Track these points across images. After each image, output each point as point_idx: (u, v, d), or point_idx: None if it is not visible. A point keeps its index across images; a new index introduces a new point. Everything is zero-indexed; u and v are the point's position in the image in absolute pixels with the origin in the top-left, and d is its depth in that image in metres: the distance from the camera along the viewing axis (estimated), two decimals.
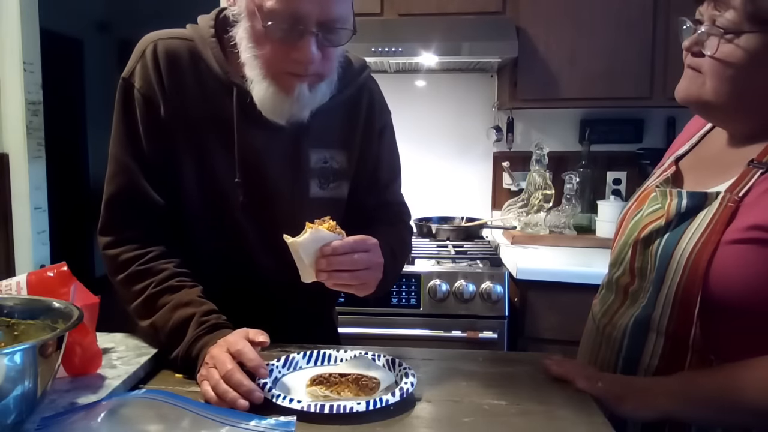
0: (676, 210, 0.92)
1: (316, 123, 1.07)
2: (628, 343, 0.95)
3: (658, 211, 0.96)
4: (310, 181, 1.11)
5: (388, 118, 1.22)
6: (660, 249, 0.92)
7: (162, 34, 1.06)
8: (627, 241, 1.00)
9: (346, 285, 0.94)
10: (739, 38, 0.84)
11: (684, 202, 0.92)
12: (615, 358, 0.97)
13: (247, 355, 0.83)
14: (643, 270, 0.95)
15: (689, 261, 0.87)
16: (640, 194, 1.06)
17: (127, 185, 1.03)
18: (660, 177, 1.04)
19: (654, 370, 0.91)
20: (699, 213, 0.89)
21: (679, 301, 0.88)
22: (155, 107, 1.03)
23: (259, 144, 1.06)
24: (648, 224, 0.96)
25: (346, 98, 1.13)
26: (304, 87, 0.98)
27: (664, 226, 0.93)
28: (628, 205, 1.08)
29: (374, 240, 0.96)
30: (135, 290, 1.00)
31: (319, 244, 0.90)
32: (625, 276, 1.00)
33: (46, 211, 2.55)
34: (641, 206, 1.01)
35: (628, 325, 0.95)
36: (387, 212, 1.22)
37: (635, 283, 0.97)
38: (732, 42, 0.85)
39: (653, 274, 0.92)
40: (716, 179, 0.93)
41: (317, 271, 0.91)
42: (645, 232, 0.96)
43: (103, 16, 5.49)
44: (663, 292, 0.90)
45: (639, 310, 0.94)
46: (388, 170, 1.22)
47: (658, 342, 0.91)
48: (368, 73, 1.18)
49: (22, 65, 2.37)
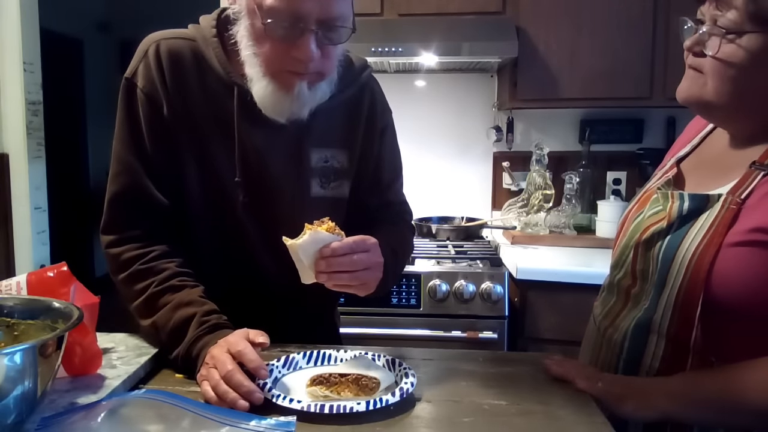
0: (677, 212, 0.92)
1: (317, 122, 1.08)
2: (629, 345, 0.95)
3: (660, 213, 0.96)
4: (311, 181, 1.11)
5: (389, 118, 1.22)
6: (662, 251, 0.92)
7: (164, 34, 1.06)
8: (629, 243, 0.99)
9: (345, 286, 0.94)
10: (740, 38, 0.84)
11: (686, 205, 0.91)
12: (616, 360, 0.97)
13: (247, 356, 0.83)
14: (645, 272, 0.95)
15: (691, 263, 0.86)
16: (642, 195, 1.05)
17: (130, 184, 1.04)
18: (661, 179, 1.04)
19: (655, 372, 0.91)
20: (701, 215, 0.89)
21: (680, 304, 0.87)
22: (158, 106, 1.03)
23: (260, 143, 1.06)
24: (649, 226, 0.96)
25: (348, 98, 1.13)
26: (304, 85, 0.99)
27: (666, 228, 0.93)
28: (629, 206, 1.08)
29: (374, 240, 0.96)
30: (136, 289, 1.00)
31: (318, 246, 0.90)
32: (627, 278, 0.99)
33: (46, 211, 2.55)
34: (643, 208, 1.01)
35: (630, 327, 0.95)
36: (389, 212, 1.22)
37: (637, 285, 0.97)
38: (733, 42, 0.84)
39: (655, 277, 0.92)
40: (718, 181, 0.92)
41: (317, 272, 0.91)
42: (647, 234, 0.96)
43: (103, 16, 5.49)
44: (664, 295, 0.90)
45: (641, 312, 0.94)
46: (390, 170, 1.22)
47: (659, 344, 0.91)
48: (369, 73, 1.18)
49: (22, 65, 2.37)
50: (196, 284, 1.01)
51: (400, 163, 1.26)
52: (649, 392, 0.86)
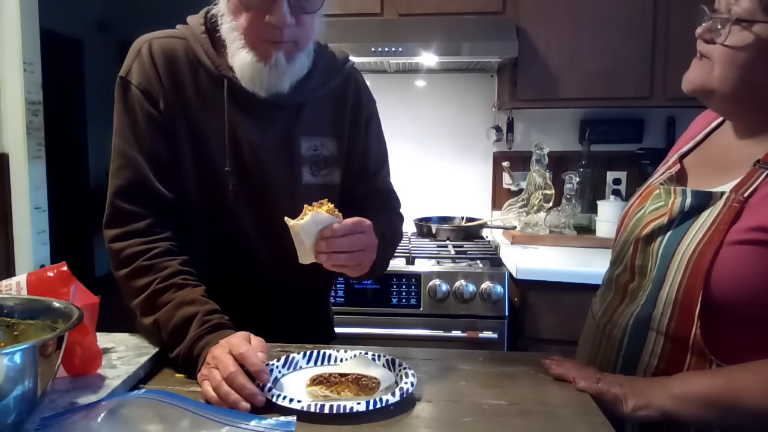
0: (679, 208, 0.92)
1: (305, 112, 1.13)
2: (628, 341, 0.95)
3: (661, 208, 0.96)
4: (302, 169, 1.14)
5: (374, 108, 1.26)
6: (662, 247, 0.92)
7: (155, 34, 1.10)
8: (628, 239, 0.99)
9: (343, 266, 0.97)
10: (752, 27, 0.85)
11: (688, 201, 0.91)
12: (615, 356, 0.97)
13: (250, 359, 0.83)
14: (644, 268, 0.95)
15: (691, 260, 0.86)
16: (643, 191, 1.05)
17: (134, 177, 1.05)
18: (664, 174, 1.03)
19: (654, 369, 0.91)
20: (703, 212, 0.89)
21: (680, 301, 0.88)
22: (154, 102, 1.06)
23: (251, 133, 1.09)
24: (650, 222, 0.96)
25: (333, 88, 1.17)
26: (281, 55, 1.02)
27: (667, 224, 0.93)
28: (630, 202, 1.08)
29: (369, 222, 0.99)
30: (139, 285, 1.00)
31: (319, 227, 0.92)
32: (626, 273, 1.00)
33: (46, 211, 2.55)
34: (644, 203, 1.01)
35: (629, 324, 0.95)
36: (377, 200, 1.25)
37: (635, 280, 0.97)
38: (745, 30, 0.85)
39: (654, 273, 0.92)
40: (721, 178, 0.92)
41: (317, 252, 0.93)
42: (647, 229, 0.96)
43: (103, 16, 5.49)
44: (664, 291, 0.90)
45: (638, 308, 0.94)
46: (376, 158, 1.26)
47: (657, 341, 0.91)
48: (352, 65, 1.22)
49: (22, 65, 2.36)
50: (198, 284, 1.01)
51: (385, 152, 1.29)
52: (649, 392, 0.86)
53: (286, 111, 1.11)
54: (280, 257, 1.06)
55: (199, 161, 1.08)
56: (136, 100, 1.06)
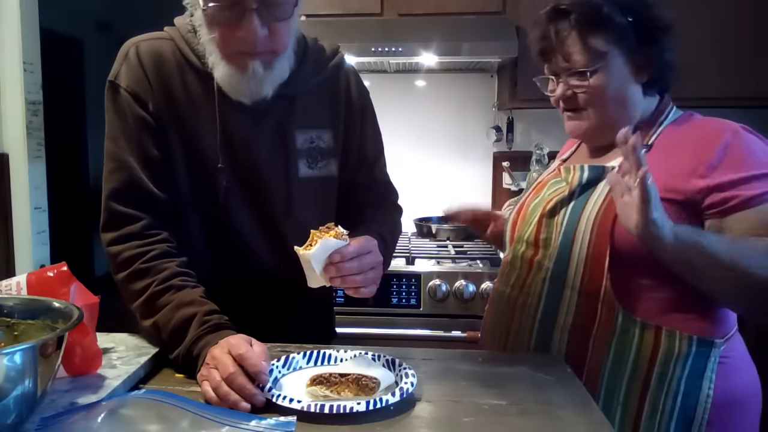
0: (578, 181, 1.10)
1: (299, 105, 1.12)
2: (543, 305, 1.07)
3: (562, 187, 1.13)
4: (298, 162, 1.14)
5: (368, 98, 1.25)
6: (567, 215, 1.08)
7: (142, 37, 1.11)
8: (530, 221, 1.13)
9: (356, 290, 0.96)
10: (597, 72, 1.06)
11: (586, 174, 1.10)
12: (531, 323, 1.08)
13: (250, 360, 0.83)
14: (548, 240, 1.10)
15: (596, 221, 1.03)
16: (536, 186, 1.23)
17: (127, 180, 1.05)
18: (550, 174, 1.22)
19: (569, 327, 1.03)
20: (599, 184, 1.07)
21: (591, 257, 1.03)
22: (144, 103, 1.06)
23: (244, 130, 1.09)
24: (552, 198, 1.13)
25: (325, 80, 1.17)
26: (257, 64, 1.02)
27: (568, 196, 1.10)
28: (522, 198, 1.23)
29: (373, 240, 0.99)
30: (137, 288, 1.00)
31: (327, 252, 0.91)
32: (529, 249, 1.12)
33: (46, 211, 2.55)
34: (540, 192, 1.18)
35: (544, 287, 1.08)
36: (375, 192, 1.25)
37: (539, 253, 1.11)
38: (594, 74, 1.07)
39: (560, 239, 1.07)
40: (607, 159, 1.12)
41: (330, 278, 0.93)
42: (550, 204, 1.12)
43: (103, 16, 5.48)
44: (575, 252, 1.05)
45: (549, 272, 1.07)
46: (373, 148, 1.25)
47: (572, 299, 1.05)
48: (342, 56, 1.22)
49: (22, 65, 2.36)
50: (197, 285, 1.01)
51: (381, 143, 1.29)
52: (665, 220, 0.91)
53: (278, 104, 1.10)
54: (276, 254, 1.06)
55: (191, 160, 1.08)
56: (126, 102, 1.06)
